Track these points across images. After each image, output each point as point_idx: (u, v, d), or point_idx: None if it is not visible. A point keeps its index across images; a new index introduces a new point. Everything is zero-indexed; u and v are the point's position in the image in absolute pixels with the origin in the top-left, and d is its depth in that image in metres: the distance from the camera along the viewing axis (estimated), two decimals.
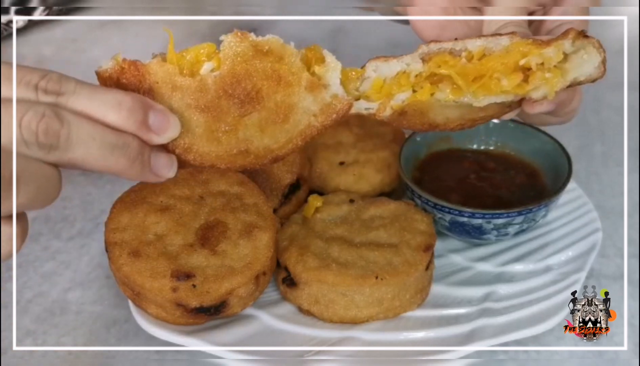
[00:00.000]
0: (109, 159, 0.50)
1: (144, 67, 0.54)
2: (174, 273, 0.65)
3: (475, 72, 0.59)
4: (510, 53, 0.58)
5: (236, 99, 0.54)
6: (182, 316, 0.67)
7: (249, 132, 0.56)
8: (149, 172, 0.54)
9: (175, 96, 0.54)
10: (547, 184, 0.83)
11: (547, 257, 0.79)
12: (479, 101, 0.60)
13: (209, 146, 0.56)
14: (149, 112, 0.52)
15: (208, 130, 0.55)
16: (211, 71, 0.54)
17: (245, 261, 0.68)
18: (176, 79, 0.54)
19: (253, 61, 0.54)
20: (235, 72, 0.54)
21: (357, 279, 0.68)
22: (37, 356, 0.71)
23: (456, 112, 0.62)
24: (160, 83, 0.54)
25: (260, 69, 0.54)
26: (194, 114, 0.55)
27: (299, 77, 0.55)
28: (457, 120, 0.63)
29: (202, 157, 0.56)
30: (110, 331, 0.74)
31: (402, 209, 0.77)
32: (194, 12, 1.54)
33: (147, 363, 0.71)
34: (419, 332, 0.70)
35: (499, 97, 0.61)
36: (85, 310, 0.77)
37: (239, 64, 0.54)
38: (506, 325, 0.70)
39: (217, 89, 0.54)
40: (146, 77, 0.54)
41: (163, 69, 0.54)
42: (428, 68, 0.60)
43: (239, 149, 0.56)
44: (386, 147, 0.87)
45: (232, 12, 1.50)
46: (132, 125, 0.51)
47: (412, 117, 0.62)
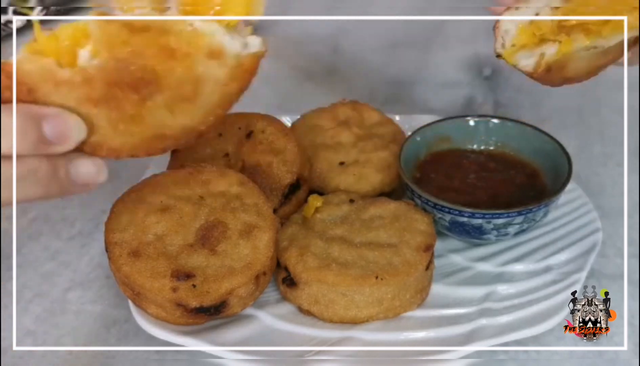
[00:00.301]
0: (21, 193, 0.44)
1: (18, 70, 0.45)
2: (174, 273, 0.65)
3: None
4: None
5: (129, 84, 0.46)
6: (182, 316, 0.67)
7: (158, 116, 0.48)
8: (72, 186, 0.47)
9: (62, 92, 0.46)
10: (547, 184, 0.83)
11: (547, 257, 0.79)
12: (609, 41, 0.60)
13: (119, 138, 0.49)
14: (42, 124, 0.44)
15: (111, 122, 0.47)
16: (90, 59, 0.45)
17: (245, 261, 0.68)
18: (56, 73, 0.45)
19: (133, 40, 0.45)
20: (118, 57, 0.45)
21: (357, 279, 0.68)
22: (37, 356, 0.71)
23: (584, 61, 0.62)
24: (40, 81, 0.45)
25: (145, 46, 0.45)
26: (90, 109, 0.47)
27: (196, 45, 0.47)
28: (585, 69, 0.63)
29: (116, 151, 0.49)
30: (110, 331, 0.74)
31: (402, 209, 0.77)
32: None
33: (147, 363, 0.71)
34: (419, 332, 0.70)
35: (625, 35, 0.60)
36: (85, 310, 0.77)
37: (117, 47, 0.45)
38: (506, 325, 0.70)
39: (104, 78, 0.45)
40: (22, 79, 0.45)
41: (38, 65, 0.45)
42: (563, 12, 0.59)
43: (154, 134, 0.49)
44: (386, 148, 0.87)
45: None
46: (28, 147, 0.44)
47: (555, 73, 0.61)
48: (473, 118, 0.90)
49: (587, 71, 0.64)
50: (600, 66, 0.64)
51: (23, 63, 0.45)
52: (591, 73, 0.64)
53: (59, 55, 0.45)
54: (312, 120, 0.93)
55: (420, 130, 0.87)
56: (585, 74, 0.64)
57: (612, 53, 0.63)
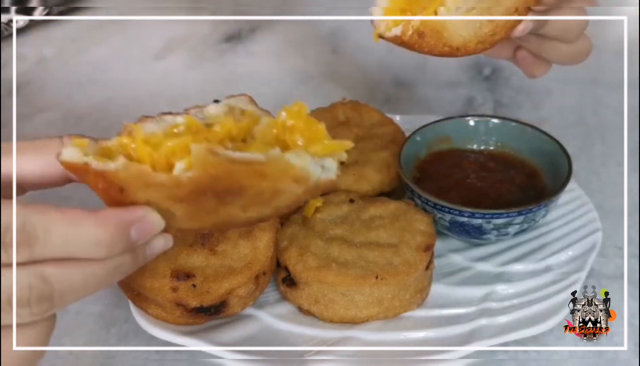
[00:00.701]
0: (109, 284, 0.48)
1: (112, 174, 0.47)
2: (174, 273, 0.65)
3: None
4: None
5: (216, 194, 0.48)
6: (182, 316, 0.67)
7: (231, 212, 0.50)
8: (145, 261, 0.50)
9: (150, 192, 0.48)
10: (547, 184, 0.83)
11: (547, 257, 0.79)
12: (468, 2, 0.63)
13: (189, 223, 0.51)
14: (130, 231, 0.47)
15: (187, 214, 0.50)
16: (184, 170, 0.47)
17: (245, 261, 0.68)
18: (149, 177, 0.47)
19: (231, 167, 0.47)
20: (211, 175, 0.47)
21: (357, 279, 0.68)
22: None
23: (469, 29, 0.64)
24: (132, 183, 0.47)
25: (241, 171, 0.47)
26: (172, 204, 0.49)
27: (287, 173, 0.49)
28: (474, 38, 0.65)
29: (183, 231, 0.53)
30: (110, 331, 0.74)
31: (402, 209, 0.77)
32: (194, 12, 1.54)
33: (147, 363, 0.71)
34: (419, 332, 0.70)
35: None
36: (85, 310, 0.77)
37: (212, 169, 0.46)
38: (506, 325, 0.70)
39: (194, 186, 0.47)
40: (114, 182, 0.47)
41: (134, 171, 0.47)
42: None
43: (222, 221, 0.52)
44: (386, 147, 0.87)
45: (232, 12, 1.50)
46: (117, 253, 0.46)
47: (431, 39, 0.64)
48: (473, 118, 0.90)
49: (476, 40, 0.65)
50: (494, 35, 0.65)
51: (120, 171, 0.47)
52: (484, 43, 0.65)
53: (155, 163, 0.48)
54: None
55: (420, 130, 0.87)
56: (475, 43, 0.65)
57: (490, 25, 0.64)
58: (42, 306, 0.45)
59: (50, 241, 0.44)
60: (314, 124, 0.51)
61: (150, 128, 0.51)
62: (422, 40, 0.65)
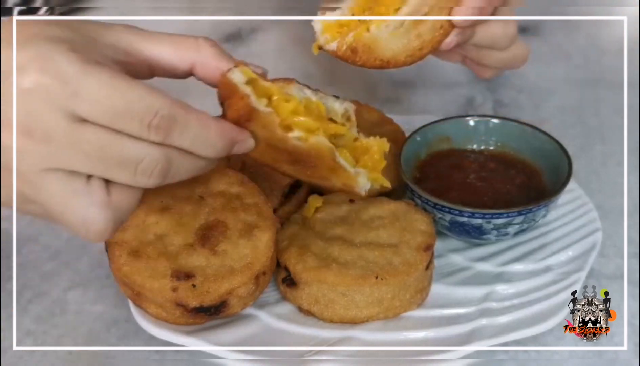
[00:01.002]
0: (200, 173, 0.58)
1: (254, 111, 0.58)
2: (174, 273, 0.65)
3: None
4: None
5: (298, 161, 0.62)
6: (182, 316, 0.67)
7: (297, 170, 0.65)
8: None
9: (263, 131, 0.59)
10: (547, 184, 0.83)
11: (547, 257, 0.79)
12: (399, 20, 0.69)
13: (264, 159, 0.64)
14: (234, 146, 0.58)
15: (269, 155, 0.63)
16: (297, 139, 0.59)
17: (245, 261, 0.68)
18: (273, 126, 0.59)
19: (325, 158, 0.61)
20: (309, 153, 0.60)
21: (357, 279, 0.68)
22: (37, 356, 0.71)
23: (398, 43, 0.71)
24: (259, 121, 0.59)
25: (328, 163, 0.62)
26: (266, 145, 0.61)
27: (347, 179, 0.64)
28: (403, 52, 0.71)
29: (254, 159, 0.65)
30: (110, 331, 0.74)
31: (402, 209, 0.77)
32: (194, 12, 1.54)
33: (147, 363, 0.71)
34: (419, 332, 0.70)
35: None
36: (85, 310, 0.77)
37: (314, 151, 0.60)
38: (506, 325, 0.70)
39: (292, 149, 0.60)
40: (251, 114, 0.58)
41: (270, 119, 0.59)
42: (351, 10, 0.72)
43: (284, 172, 0.66)
44: None
45: (232, 12, 1.50)
46: (220, 157, 0.57)
47: (363, 54, 0.70)
48: (473, 118, 0.90)
49: (405, 53, 0.71)
50: (421, 49, 0.71)
51: (262, 112, 0.58)
52: (412, 56, 0.72)
53: (283, 119, 0.59)
54: None
55: (420, 130, 0.87)
56: (404, 57, 0.71)
57: (426, 35, 0.71)
58: (158, 179, 0.54)
59: (184, 135, 0.53)
60: (382, 162, 0.65)
61: (291, 90, 0.62)
62: (355, 55, 0.71)
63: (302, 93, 0.63)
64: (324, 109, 0.63)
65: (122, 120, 0.50)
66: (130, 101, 0.50)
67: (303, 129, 0.60)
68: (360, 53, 0.71)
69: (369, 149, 0.65)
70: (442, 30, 0.71)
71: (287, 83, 0.63)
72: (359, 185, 0.64)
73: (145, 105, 0.50)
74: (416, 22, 0.70)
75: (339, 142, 0.63)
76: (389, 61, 0.72)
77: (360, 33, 0.70)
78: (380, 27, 0.70)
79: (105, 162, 0.51)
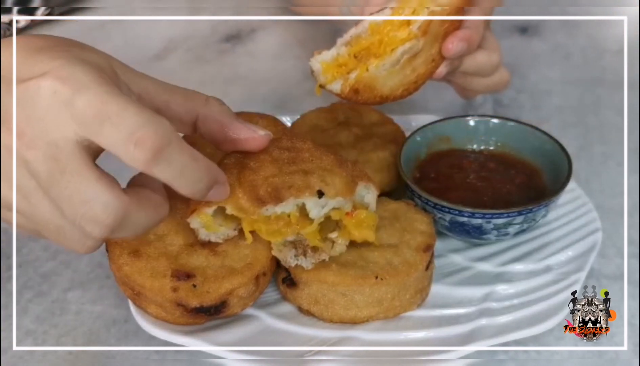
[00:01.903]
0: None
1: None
2: (174, 273, 0.65)
3: (380, 40, 0.75)
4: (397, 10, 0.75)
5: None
6: (182, 316, 0.67)
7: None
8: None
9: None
10: (547, 184, 0.83)
11: (547, 257, 0.79)
12: (395, 58, 0.74)
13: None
14: (212, 187, 0.57)
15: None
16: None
17: (245, 261, 0.68)
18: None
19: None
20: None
21: (357, 279, 0.68)
22: (37, 356, 0.71)
23: (395, 79, 0.76)
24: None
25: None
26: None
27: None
28: (399, 87, 0.76)
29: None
30: (110, 331, 0.74)
31: (402, 209, 0.77)
32: (194, 12, 1.54)
33: (147, 363, 0.71)
34: (419, 332, 0.70)
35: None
36: (85, 310, 0.77)
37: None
38: (506, 325, 0.70)
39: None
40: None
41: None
42: (350, 51, 0.75)
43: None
44: (386, 148, 0.87)
45: (232, 12, 1.50)
46: (193, 194, 0.55)
47: (364, 93, 0.75)
48: (473, 118, 0.90)
49: (402, 88, 0.77)
50: (416, 82, 0.77)
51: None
52: (409, 89, 0.77)
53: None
54: (312, 120, 0.93)
55: (420, 130, 0.87)
56: (401, 91, 0.77)
57: (420, 69, 0.76)
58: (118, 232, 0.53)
59: (173, 161, 0.51)
60: (371, 231, 0.69)
61: (272, 211, 0.64)
62: (357, 95, 0.75)
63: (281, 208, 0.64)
64: (294, 216, 0.65)
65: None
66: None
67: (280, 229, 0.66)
68: (362, 92, 0.75)
69: (360, 223, 0.68)
70: (433, 63, 0.77)
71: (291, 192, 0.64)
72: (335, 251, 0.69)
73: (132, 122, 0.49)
74: (410, 58, 0.75)
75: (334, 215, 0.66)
76: (388, 96, 0.77)
77: (361, 73, 0.74)
78: (379, 67, 0.74)
79: None
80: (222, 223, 0.68)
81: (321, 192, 0.63)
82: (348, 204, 0.66)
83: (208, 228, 0.67)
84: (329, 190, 0.64)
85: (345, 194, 0.65)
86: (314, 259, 0.67)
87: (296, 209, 0.65)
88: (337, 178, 0.65)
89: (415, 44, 0.74)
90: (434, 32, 0.75)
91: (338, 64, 0.76)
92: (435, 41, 0.76)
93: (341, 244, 0.68)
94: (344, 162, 0.69)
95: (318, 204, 0.64)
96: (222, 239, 0.68)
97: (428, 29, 0.74)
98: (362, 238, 0.68)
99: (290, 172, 0.65)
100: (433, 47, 0.76)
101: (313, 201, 0.64)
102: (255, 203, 0.63)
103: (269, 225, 0.65)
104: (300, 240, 0.67)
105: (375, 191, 0.69)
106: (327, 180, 0.65)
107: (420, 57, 0.76)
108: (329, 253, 0.68)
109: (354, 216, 0.67)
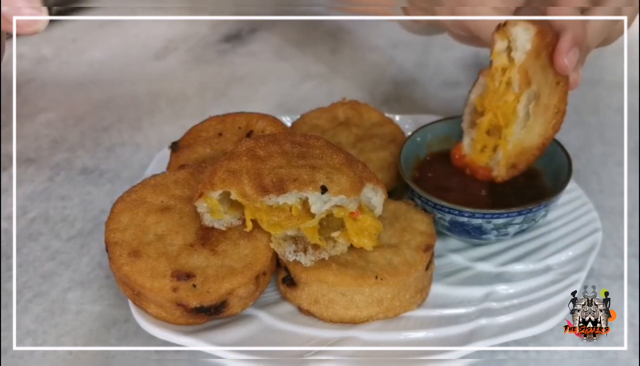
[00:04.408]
0: None
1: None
2: (175, 273, 0.65)
3: (495, 114, 0.79)
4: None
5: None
6: (182, 316, 0.67)
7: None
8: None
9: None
10: (547, 184, 0.83)
11: (547, 257, 0.79)
12: (523, 116, 0.76)
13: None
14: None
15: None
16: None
17: (245, 261, 0.68)
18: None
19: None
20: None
21: (356, 279, 0.68)
22: (37, 356, 0.71)
23: (537, 127, 0.77)
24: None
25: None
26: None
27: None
28: (546, 127, 0.76)
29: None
30: (110, 331, 0.74)
31: (402, 209, 0.77)
32: (194, 12, 1.54)
33: (147, 363, 0.71)
34: (419, 332, 0.70)
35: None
36: (85, 310, 0.77)
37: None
38: (506, 325, 0.70)
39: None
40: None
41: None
42: (479, 132, 0.81)
43: None
44: (386, 148, 0.87)
45: (232, 12, 1.50)
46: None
47: (521, 161, 0.79)
48: None
49: (549, 125, 0.76)
50: (557, 112, 0.76)
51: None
52: (557, 119, 0.76)
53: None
54: (312, 120, 0.93)
55: (420, 130, 0.87)
56: (553, 124, 0.76)
57: (552, 101, 0.75)
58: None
59: None
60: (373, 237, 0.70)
61: (274, 201, 0.65)
62: (515, 169, 0.79)
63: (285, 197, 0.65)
64: (297, 209, 0.66)
65: None
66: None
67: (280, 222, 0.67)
68: (518, 163, 0.78)
69: (362, 230, 0.69)
70: (560, 85, 0.75)
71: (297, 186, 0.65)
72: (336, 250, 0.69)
73: None
74: (537, 102, 0.75)
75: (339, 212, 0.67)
76: (544, 144, 0.77)
77: (504, 148, 0.77)
78: (515, 133, 0.76)
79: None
80: (227, 211, 0.69)
81: (324, 188, 0.64)
82: (353, 204, 0.66)
83: (213, 214, 0.68)
84: (333, 187, 0.64)
85: (350, 193, 0.65)
86: (313, 257, 0.68)
87: (299, 202, 0.65)
88: (344, 177, 0.66)
89: (530, 93, 0.74)
90: (534, 67, 0.73)
91: (481, 148, 0.80)
92: (547, 68, 0.73)
93: (342, 244, 0.68)
94: (354, 163, 0.69)
95: (320, 199, 0.65)
96: (225, 227, 0.69)
97: (527, 74, 0.73)
98: (360, 245, 0.68)
99: (298, 166, 0.66)
100: (548, 77, 0.74)
101: (315, 196, 0.64)
102: (258, 191, 0.64)
103: (271, 216, 0.66)
104: (302, 236, 0.67)
105: (383, 194, 0.69)
106: (333, 177, 0.65)
107: (543, 93, 0.74)
108: (330, 252, 0.68)
109: (359, 218, 0.67)
